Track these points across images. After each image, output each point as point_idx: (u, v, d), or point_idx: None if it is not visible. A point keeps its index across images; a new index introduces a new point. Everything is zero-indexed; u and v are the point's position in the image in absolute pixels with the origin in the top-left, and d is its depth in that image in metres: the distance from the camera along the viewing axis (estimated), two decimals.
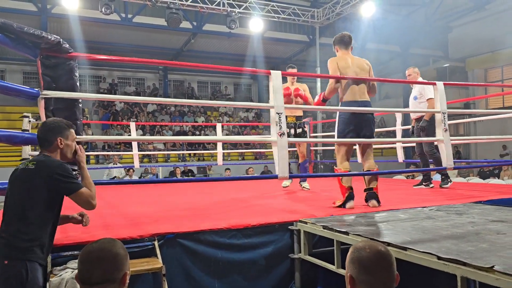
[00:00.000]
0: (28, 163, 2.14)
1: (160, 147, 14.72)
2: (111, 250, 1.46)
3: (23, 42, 2.72)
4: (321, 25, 14.42)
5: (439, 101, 4.16)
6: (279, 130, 3.34)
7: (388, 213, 3.33)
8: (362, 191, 3.99)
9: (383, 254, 1.40)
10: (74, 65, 2.94)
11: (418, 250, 2.10)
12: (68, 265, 2.35)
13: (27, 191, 2.07)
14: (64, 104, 2.91)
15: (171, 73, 19.36)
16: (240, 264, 2.95)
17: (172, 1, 10.77)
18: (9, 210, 2.06)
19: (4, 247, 1.98)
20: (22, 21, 12.35)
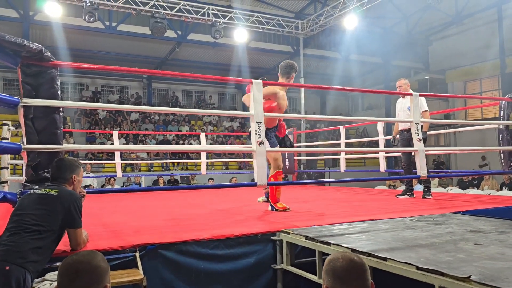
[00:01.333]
0: (50, 190, 2.42)
1: (143, 156, 14.59)
2: (90, 262, 1.45)
3: (4, 50, 2.70)
4: (305, 36, 14.60)
5: (413, 112, 4.28)
6: (258, 139, 3.39)
7: (370, 223, 3.37)
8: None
9: (356, 263, 1.43)
10: (55, 73, 2.93)
11: (397, 260, 2.13)
12: (46, 277, 2.30)
13: (46, 212, 2.31)
14: (44, 113, 2.88)
15: (156, 81, 19.30)
16: (222, 275, 2.94)
17: (156, 10, 10.78)
18: (21, 224, 2.23)
19: (8, 254, 2.08)
20: (3, 28, 12.29)
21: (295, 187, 8.71)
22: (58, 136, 2.95)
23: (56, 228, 2.34)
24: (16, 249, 2.11)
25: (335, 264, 1.43)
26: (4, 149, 2.70)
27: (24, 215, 2.29)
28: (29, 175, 2.91)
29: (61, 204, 2.37)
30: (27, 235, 2.19)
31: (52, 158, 2.93)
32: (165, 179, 12.89)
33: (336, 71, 16.80)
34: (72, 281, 1.41)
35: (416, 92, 4.37)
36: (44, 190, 2.44)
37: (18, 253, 2.10)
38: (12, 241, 2.15)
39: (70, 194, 2.46)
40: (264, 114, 3.58)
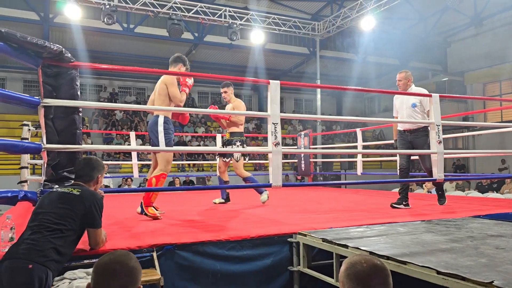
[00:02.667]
0: (72, 189, 2.44)
1: None
2: (128, 264, 1.46)
3: (26, 51, 2.74)
4: (321, 38, 14.54)
5: (434, 113, 4.20)
6: (274, 140, 3.38)
7: (387, 226, 3.32)
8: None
9: (380, 268, 1.40)
10: (75, 74, 2.97)
11: (417, 264, 2.09)
12: (65, 276, 2.33)
13: (68, 211, 2.33)
14: (64, 113, 2.93)
15: None
16: (238, 276, 2.93)
17: (174, 12, 10.86)
18: (43, 222, 2.25)
19: (31, 252, 2.10)
20: (24, 30, 12.53)
21: (311, 188, 8.67)
22: (78, 136, 2.99)
23: (77, 228, 2.36)
24: (38, 248, 2.14)
25: (357, 268, 1.39)
26: (26, 148, 2.75)
27: (46, 214, 2.32)
28: (49, 174, 2.96)
29: (83, 203, 2.39)
30: (48, 234, 2.22)
31: (72, 158, 2.97)
32: (181, 180, 12.97)
33: (352, 73, 16.69)
34: (110, 281, 1.41)
35: (436, 94, 4.30)
36: (66, 189, 2.47)
37: (40, 252, 2.12)
38: (34, 240, 2.18)
39: (92, 194, 2.48)
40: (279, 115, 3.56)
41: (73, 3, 10.22)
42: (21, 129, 6.20)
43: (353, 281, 1.38)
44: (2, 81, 16.46)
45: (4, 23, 12.52)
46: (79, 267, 2.44)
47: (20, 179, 6.08)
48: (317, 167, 11.84)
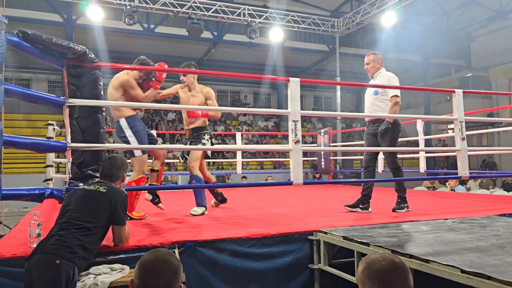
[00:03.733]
0: (99, 186, 2.52)
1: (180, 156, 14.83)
2: (173, 262, 1.49)
3: (51, 52, 2.81)
4: (341, 34, 14.41)
5: (457, 109, 4.11)
6: (295, 137, 3.38)
7: (410, 225, 3.28)
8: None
9: (399, 265, 1.38)
10: (98, 74, 3.03)
11: (441, 262, 2.06)
12: (90, 271, 2.39)
13: (94, 209, 2.40)
14: (88, 113, 2.98)
15: None
16: (259, 273, 2.95)
17: (193, 12, 10.94)
18: (70, 219, 2.32)
19: (58, 248, 2.16)
20: (48, 31, 12.79)
21: (331, 186, 8.62)
22: (101, 135, 3.05)
23: (103, 225, 2.42)
24: (66, 244, 2.19)
25: (376, 266, 1.37)
26: (52, 147, 2.82)
27: (73, 211, 2.38)
28: (74, 172, 3.02)
29: (109, 201, 2.45)
30: (76, 231, 2.28)
31: (95, 156, 3.03)
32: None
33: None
34: (156, 279, 1.43)
35: (459, 90, 4.21)
36: (92, 187, 2.54)
37: (67, 248, 2.18)
38: (62, 236, 2.24)
39: (118, 192, 2.54)
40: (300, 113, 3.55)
41: (95, 5, 10.39)
42: (46, 128, 6.35)
43: (373, 280, 1.36)
44: (28, 82, 16.88)
45: (29, 25, 12.84)
46: (104, 263, 2.50)
47: (46, 178, 6.23)
48: (337, 165, 11.76)
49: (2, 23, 2.48)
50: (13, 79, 16.28)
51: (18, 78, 16.54)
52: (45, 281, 2.10)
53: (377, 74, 4.31)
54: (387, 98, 4.19)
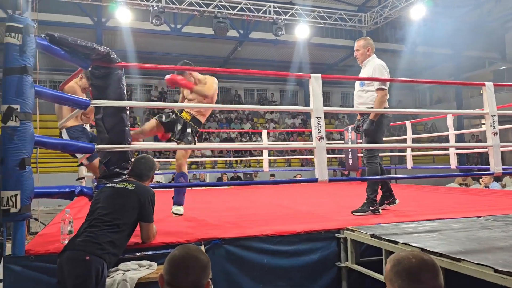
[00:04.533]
0: (127, 184, 2.59)
1: (208, 154, 14.98)
2: (203, 259, 1.52)
3: (77, 54, 2.88)
4: (368, 29, 14.17)
5: (488, 103, 3.96)
6: (318, 134, 3.34)
7: (440, 222, 3.19)
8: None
9: (430, 262, 1.34)
10: (121, 74, 3.08)
11: (472, 261, 1.99)
12: (119, 267, 2.44)
13: (123, 206, 2.46)
14: (113, 112, 3.04)
15: (219, 80, 19.51)
16: (285, 271, 2.93)
17: (219, 11, 11.00)
18: (100, 216, 2.38)
19: (88, 244, 2.22)
20: (79, 34, 13.13)
21: (359, 184, 8.50)
22: (126, 134, 3.10)
23: (132, 222, 2.48)
24: (95, 241, 2.25)
25: (406, 264, 1.33)
26: (80, 148, 2.89)
27: (102, 208, 2.43)
28: (102, 171, 3.10)
29: (138, 198, 2.51)
30: (105, 228, 2.33)
31: (122, 155, 3.09)
32: (228, 176, 13.16)
33: (401, 64, 16.12)
34: (185, 275, 1.46)
35: (490, 82, 4.06)
36: (121, 185, 2.59)
37: (97, 245, 2.24)
38: (91, 233, 2.30)
39: (146, 190, 2.60)
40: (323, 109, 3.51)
41: (123, 6, 10.60)
42: None
43: (402, 278, 1.32)
44: (60, 84, 17.38)
45: (61, 28, 13.23)
46: (132, 259, 2.54)
47: (78, 176, 6.41)
48: None
49: (31, 26, 2.56)
50: (47, 81, 16.81)
51: (51, 80, 17.06)
52: (75, 277, 2.16)
53: (366, 61, 3.96)
54: (372, 90, 3.82)
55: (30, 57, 2.53)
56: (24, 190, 2.44)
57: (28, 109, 2.50)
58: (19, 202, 2.41)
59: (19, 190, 2.42)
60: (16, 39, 2.49)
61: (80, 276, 2.16)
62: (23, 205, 2.42)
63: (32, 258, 2.45)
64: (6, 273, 2.40)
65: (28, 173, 2.47)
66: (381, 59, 4.06)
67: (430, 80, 4.72)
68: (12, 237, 2.46)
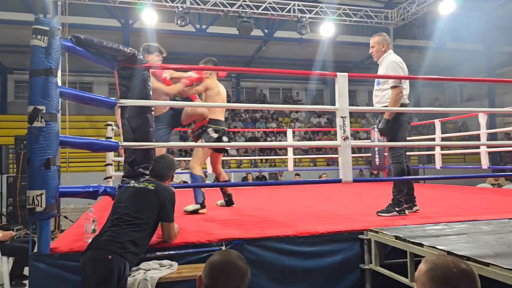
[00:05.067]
0: (148, 184, 2.61)
1: (233, 153, 15.04)
2: (244, 267, 1.53)
3: (103, 55, 2.92)
4: (395, 26, 13.88)
5: None
6: (343, 134, 3.28)
7: (469, 224, 3.08)
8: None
9: (470, 273, 1.24)
10: (147, 75, 3.10)
11: (502, 266, 1.90)
12: (141, 266, 2.46)
13: (144, 206, 2.48)
14: (138, 113, 3.07)
15: (244, 80, 19.77)
16: (307, 272, 2.89)
17: (243, 10, 11.00)
18: (121, 216, 2.42)
19: (110, 244, 2.26)
20: (107, 36, 13.40)
21: (387, 184, 8.33)
22: (150, 134, 3.13)
23: (152, 221, 2.49)
24: (117, 240, 2.28)
25: (445, 271, 1.23)
26: (104, 146, 2.93)
27: (124, 208, 2.47)
28: (126, 171, 3.13)
29: (157, 198, 2.52)
30: (127, 227, 2.36)
31: (146, 155, 3.12)
32: (253, 175, 13.17)
33: (429, 61, 15.72)
34: (225, 281, 1.47)
35: None
36: (142, 184, 2.62)
37: (119, 244, 2.27)
38: (113, 232, 2.33)
39: (166, 190, 2.61)
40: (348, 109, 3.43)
41: (149, 8, 10.76)
42: (106, 129, 6.66)
43: (438, 284, 1.24)
44: (90, 85, 17.81)
45: (88, 31, 13.53)
46: (153, 259, 2.56)
47: (106, 176, 6.54)
48: None
49: (57, 29, 2.61)
50: (77, 82, 17.26)
51: (81, 81, 17.50)
52: (98, 275, 2.19)
53: (382, 58, 3.82)
54: (387, 88, 3.70)
55: (55, 59, 2.58)
56: (49, 190, 2.49)
57: (53, 110, 2.55)
58: (44, 201, 2.47)
59: (44, 189, 2.48)
60: (41, 41, 2.55)
61: (102, 275, 2.19)
62: (48, 204, 2.47)
63: (57, 256, 2.50)
64: (32, 270, 2.46)
65: (53, 173, 2.52)
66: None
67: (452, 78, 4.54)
68: (38, 235, 2.52)
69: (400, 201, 3.72)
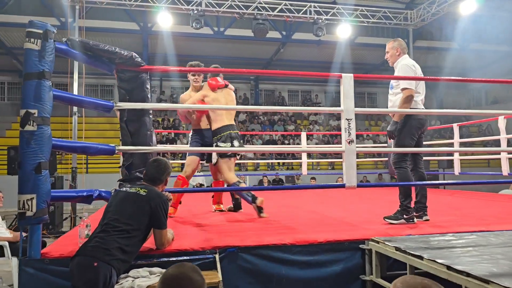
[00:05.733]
0: (140, 189, 2.51)
1: (250, 156, 14.99)
2: (198, 280, 1.48)
3: (100, 58, 2.90)
4: (414, 27, 13.55)
5: None
6: (348, 137, 3.17)
7: (478, 236, 2.91)
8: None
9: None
10: (146, 77, 3.06)
11: (502, 284, 1.77)
12: (129, 274, 2.40)
13: (134, 212, 2.41)
14: (136, 116, 3.04)
15: (262, 82, 19.72)
16: (305, 282, 2.79)
17: (259, 12, 10.94)
18: (110, 221, 2.36)
19: (97, 250, 2.20)
20: (126, 40, 13.54)
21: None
22: (148, 138, 3.09)
23: (143, 228, 2.42)
24: (104, 246, 2.22)
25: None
26: (99, 150, 2.90)
27: (114, 213, 2.41)
28: (124, 174, 3.10)
29: (149, 204, 2.44)
30: (115, 234, 2.30)
31: (143, 159, 3.08)
32: (270, 178, 13.07)
33: (451, 63, 15.28)
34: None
35: None
36: (134, 189, 2.54)
37: (106, 251, 2.21)
38: (101, 238, 2.27)
39: (159, 196, 2.53)
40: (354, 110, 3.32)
41: (164, 11, 10.82)
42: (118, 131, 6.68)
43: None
44: (111, 87, 18.01)
45: (110, 34, 13.76)
46: (144, 266, 2.50)
47: (120, 178, 6.56)
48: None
49: (51, 32, 2.60)
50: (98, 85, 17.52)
51: (102, 84, 17.72)
52: (84, 282, 2.15)
53: (396, 63, 3.80)
54: (399, 92, 3.64)
55: (48, 62, 2.56)
56: (40, 194, 2.47)
57: (46, 113, 2.53)
58: (35, 206, 2.45)
59: (35, 194, 2.46)
60: (35, 44, 2.54)
61: (88, 281, 2.15)
62: (38, 209, 2.46)
63: (47, 261, 2.48)
64: (22, 275, 2.45)
65: (44, 177, 2.50)
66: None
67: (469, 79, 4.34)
68: (28, 240, 2.50)
69: (408, 207, 3.58)
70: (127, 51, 2.95)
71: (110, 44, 2.93)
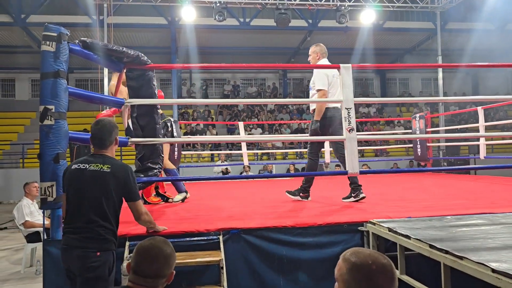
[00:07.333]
0: (102, 166, 2.32)
1: (279, 145, 15.13)
2: (166, 250, 1.66)
3: (110, 58, 3.13)
4: (442, 10, 13.15)
5: None
6: (348, 126, 3.26)
7: (479, 217, 2.96)
8: None
9: (388, 267, 1.27)
10: (152, 75, 3.28)
11: (472, 259, 1.85)
12: None
13: (105, 191, 2.28)
14: (145, 111, 3.26)
15: (291, 72, 19.72)
16: (306, 263, 2.94)
17: (281, 2, 10.98)
18: (86, 207, 2.27)
19: (95, 241, 2.24)
20: (155, 34, 13.83)
21: (426, 176, 8.05)
22: (157, 130, 3.31)
23: (117, 203, 2.35)
24: (99, 235, 2.26)
25: (366, 270, 1.25)
26: None
27: (79, 196, 2.31)
28: (137, 166, 3.35)
29: (116, 180, 2.32)
30: (99, 218, 2.26)
31: (153, 150, 3.31)
32: (299, 167, 13.15)
33: (489, 45, 14.68)
34: (150, 264, 1.62)
35: None
36: (95, 166, 2.34)
37: (102, 239, 2.26)
38: (91, 228, 2.25)
39: (123, 168, 2.39)
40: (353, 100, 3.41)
41: (188, 5, 11.06)
42: None
43: (360, 282, 1.26)
44: (96, 82, 18.36)
45: (139, 29, 14.16)
46: None
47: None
48: (440, 151, 10.86)
49: (64, 34, 2.84)
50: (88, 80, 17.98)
51: None
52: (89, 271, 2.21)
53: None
54: (315, 93, 4.10)
55: (63, 62, 2.81)
56: (59, 182, 2.73)
57: (62, 109, 2.79)
58: (55, 192, 2.71)
59: (55, 181, 2.72)
60: (50, 46, 2.78)
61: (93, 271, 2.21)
62: (58, 195, 2.72)
63: None
64: (45, 255, 2.72)
65: (62, 167, 2.76)
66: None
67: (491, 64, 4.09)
68: (50, 222, 2.78)
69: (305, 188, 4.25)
70: (133, 50, 3.16)
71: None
